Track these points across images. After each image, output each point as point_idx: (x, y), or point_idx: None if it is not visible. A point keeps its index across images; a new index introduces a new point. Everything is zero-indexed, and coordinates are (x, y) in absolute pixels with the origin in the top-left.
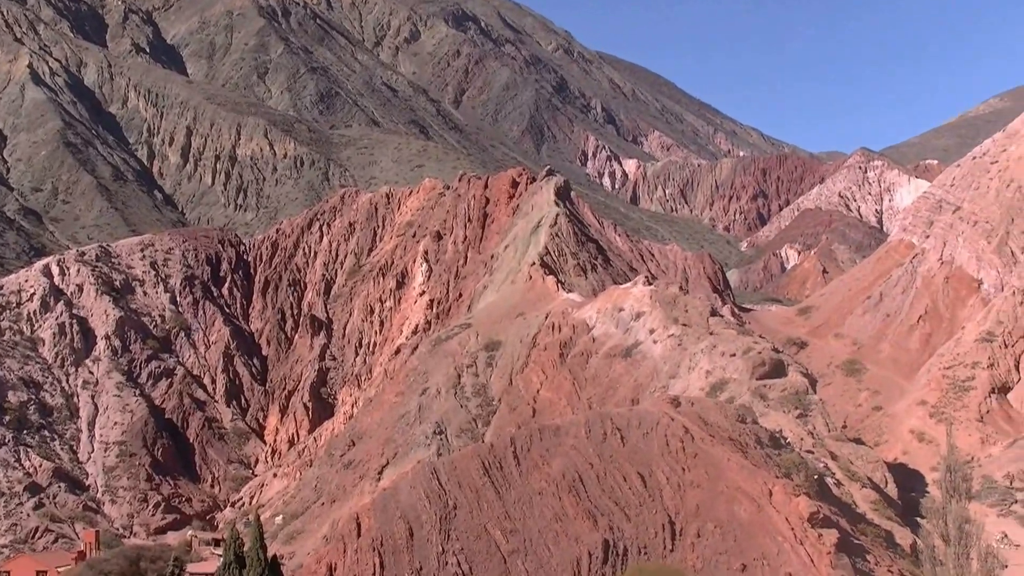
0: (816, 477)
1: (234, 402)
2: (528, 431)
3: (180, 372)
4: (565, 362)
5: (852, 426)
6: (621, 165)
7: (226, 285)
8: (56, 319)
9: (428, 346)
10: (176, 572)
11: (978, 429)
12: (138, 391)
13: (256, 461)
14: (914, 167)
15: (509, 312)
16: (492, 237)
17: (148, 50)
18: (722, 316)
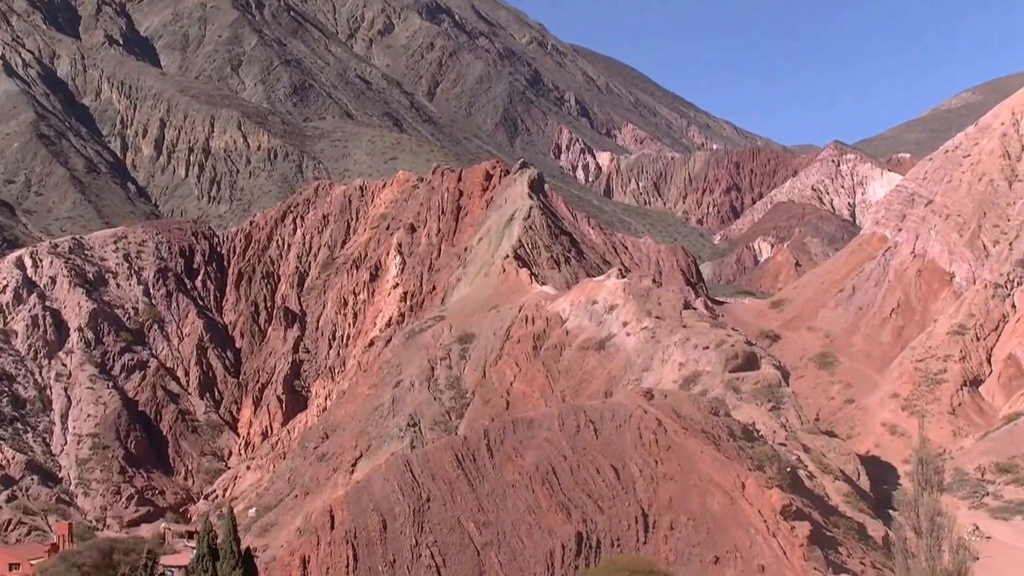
0: (789, 470)
1: (207, 394)
2: (501, 423)
3: (153, 364)
4: (538, 355)
5: (824, 419)
6: (595, 158)
7: (199, 277)
8: (29, 311)
9: (402, 339)
10: (149, 564)
11: (950, 422)
12: (111, 383)
13: (229, 453)
14: (886, 160)
15: (483, 305)
16: (466, 230)
17: (121, 42)
18: (695, 309)
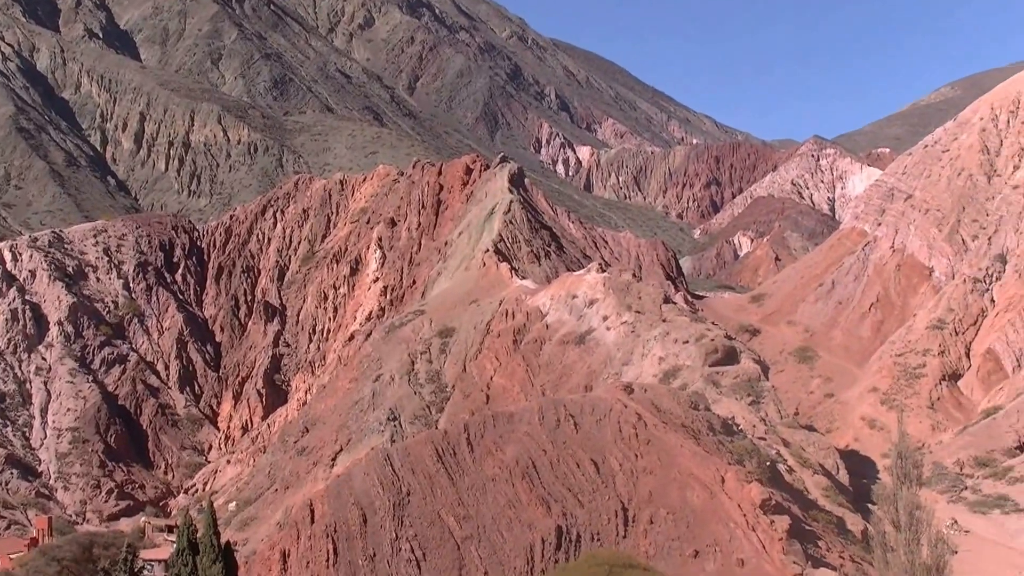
0: (768, 464)
1: (187, 388)
2: (481, 418)
3: (133, 358)
4: (519, 349)
5: (804, 413)
6: (575, 152)
7: (179, 271)
8: (8, 305)
9: (382, 333)
10: (129, 559)
11: (929, 416)
12: (91, 377)
13: (209, 447)
14: (866, 155)
15: (463, 299)
16: (446, 224)
17: (101, 35)
18: (675, 303)
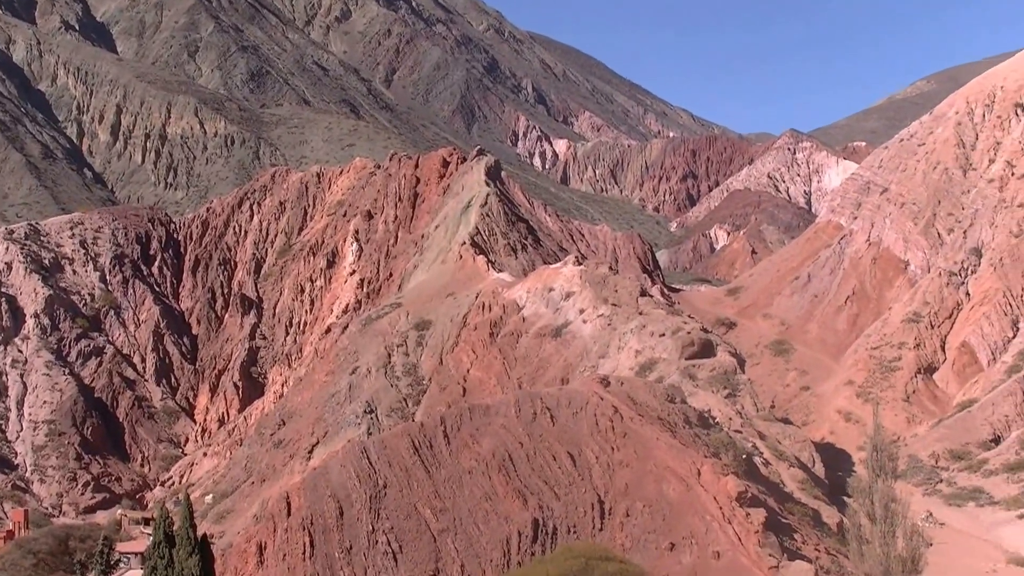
0: (744, 456)
1: (164, 381)
2: (458, 410)
3: (110, 351)
4: (495, 341)
5: (780, 406)
6: (552, 145)
7: (156, 264)
8: None
9: (358, 325)
10: (105, 551)
11: (904, 409)
12: (67, 370)
13: (186, 440)
14: (842, 149)
15: (439, 292)
16: (422, 217)
17: (78, 27)
18: (652, 296)
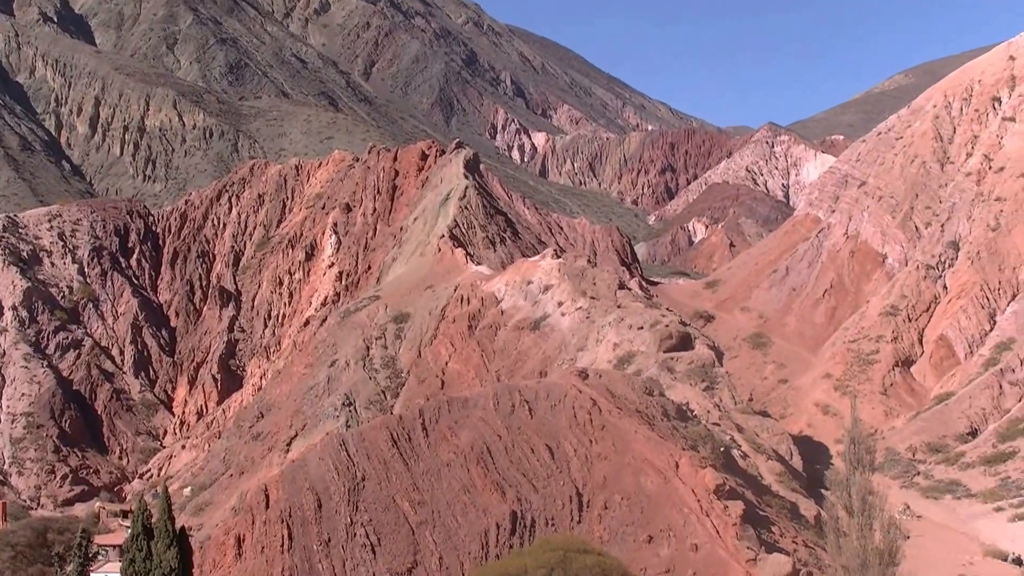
0: (722, 449)
1: (142, 373)
2: (436, 403)
3: (88, 343)
4: (474, 334)
5: (758, 399)
6: (530, 138)
7: (134, 256)
8: None
9: (337, 318)
10: (84, 543)
11: (882, 402)
12: (46, 362)
13: (164, 433)
14: (820, 142)
15: (418, 284)
16: (401, 209)
17: (56, 19)
18: (630, 289)
